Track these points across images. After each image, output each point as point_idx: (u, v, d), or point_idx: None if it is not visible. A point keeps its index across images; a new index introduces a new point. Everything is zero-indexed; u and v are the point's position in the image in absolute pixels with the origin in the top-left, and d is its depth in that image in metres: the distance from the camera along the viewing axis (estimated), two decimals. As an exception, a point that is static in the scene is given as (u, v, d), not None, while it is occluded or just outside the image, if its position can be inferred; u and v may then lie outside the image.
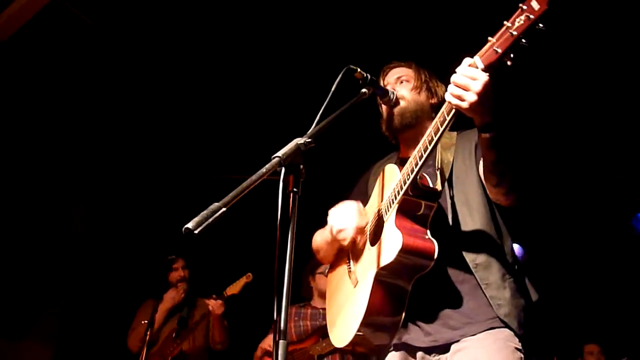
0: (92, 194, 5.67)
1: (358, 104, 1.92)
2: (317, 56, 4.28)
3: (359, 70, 1.95)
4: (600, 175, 5.49)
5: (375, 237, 1.97)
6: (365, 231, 2.06)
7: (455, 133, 2.10)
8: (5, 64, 4.41)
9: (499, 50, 1.52)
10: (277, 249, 1.39)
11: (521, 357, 1.80)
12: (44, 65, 4.53)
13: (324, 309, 4.06)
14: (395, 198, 1.86)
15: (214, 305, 3.88)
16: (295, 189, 1.47)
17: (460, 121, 1.74)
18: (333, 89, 1.85)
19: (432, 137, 1.73)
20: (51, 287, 5.27)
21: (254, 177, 1.41)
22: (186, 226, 1.26)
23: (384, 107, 2.19)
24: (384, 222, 1.93)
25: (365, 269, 1.95)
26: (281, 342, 1.30)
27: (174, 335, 4.10)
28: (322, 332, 3.91)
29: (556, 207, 5.56)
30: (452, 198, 1.95)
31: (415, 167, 1.78)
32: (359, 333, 1.89)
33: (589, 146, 5.13)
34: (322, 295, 4.11)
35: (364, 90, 1.96)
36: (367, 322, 1.88)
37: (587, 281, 5.66)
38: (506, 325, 1.81)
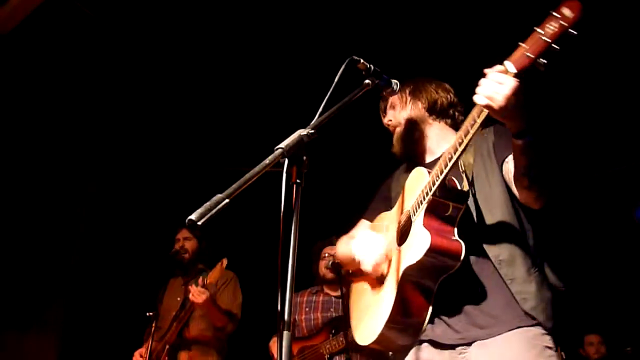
0: (96, 186, 5.68)
1: (361, 95, 1.91)
2: (320, 47, 4.27)
3: (362, 61, 1.94)
4: (603, 165, 5.48)
5: (403, 237, 2.01)
6: (392, 232, 2.10)
7: None
8: (9, 56, 4.41)
9: (531, 56, 1.55)
10: (280, 240, 1.39)
11: (552, 355, 1.81)
12: (48, 58, 4.54)
13: (337, 296, 4.06)
14: (424, 199, 1.90)
15: (194, 292, 3.75)
16: (298, 180, 1.46)
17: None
18: (336, 79, 1.84)
19: (461, 140, 1.76)
20: (57, 279, 5.30)
21: (257, 169, 1.40)
22: (189, 217, 1.26)
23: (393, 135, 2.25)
24: (411, 222, 1.97)
25: (393, 269, 1.99)
26: (285, 333, 1.30)
27: (174, 318, 4.04)
28: (332, 326, 3.87)
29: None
30: (474, 196, 1.97)
31: (445, 169, 1.82)
32: (384, 332, 1.93)
33: (591, 137, 5.12)
34: (324, 280, 4.12)
35: (367, 81, 1.94)
36: (393, 320, 1.92)
37: (589, 271, 5.66)
38: (533, 320, 1.82)
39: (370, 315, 2.08)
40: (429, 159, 2.23)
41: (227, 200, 1.30)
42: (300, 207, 1.44)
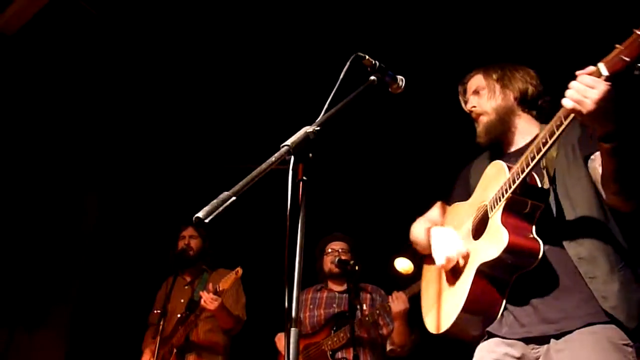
0: (103, 185, 5.71)
1: (367, 91, 1.90)
2: (325, 44, 4.26)
3: (367, 57, 1.93)
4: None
5: (479, 231, 2.01)
6: (467, 224, 2.12)
7: None
8: (14, 57, 4.43)
9: (627, 59, 1.50)
10: (287, 237, 1.39)
11: (630, 352, 1.76)
12: (53, 58, 4.55)
13: (340, 292, 4.06)
14: (503, 196, 1.89)
15: (207, 299, 3.77)
16: (304, 177, 1.47)
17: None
18: (341, 76, 1.84)
19: (546, 140, 1.74)
20: (64, 278, 5.32)
21: (263, 166, 1.40)
22: (196, 215, 1.26)
23: (475, 124, 2.23)
24: (488, 217, 1.96)
25: (468, 262, 2.01)
26: (293, 330, 1.30)
27: (180, 320, 4.04)
28: (333, 323, 3.88)
29: None
30: (554, 191, 1.95)
31: (527, 168, 1.81)
32: (457, 321, 1.96)
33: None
34: (328, 275, 4.11)
35: (372, 77, 1.94)
36: (466, 311, 1.94)
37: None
38: (611, 319, 1.77)
39: (443, 304, 2.10)
40: (510, 150, 2.19)
41: (233, 198, 1.31)
42: (306, 204, 1.44)
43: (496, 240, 1.84)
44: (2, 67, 4.50)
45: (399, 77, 2.10)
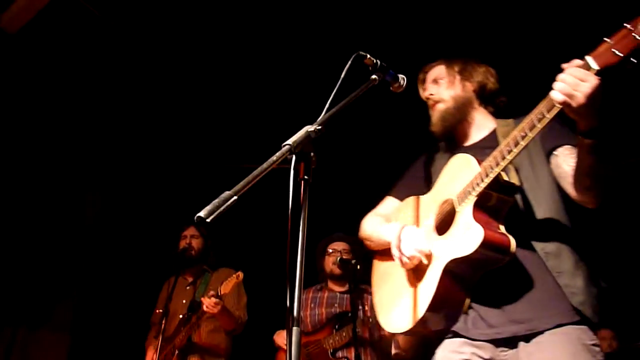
0: (103, 183, 5.71)
1: (368, 90, 1.90)
2: (326, 43, 4.26)
3: (368, 56, 1.93)
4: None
5: (445, 227, 1.95)
6: (429, 220, 2.04)
7: (512, 120, 2.07)
8: (16, 56, 4.43)
9: (620, 54, 1.47)
10: (288, 236, 1.38)
11: (598, 352, 1.76)
12: (55, 57, 4.55)
13: (341, 292, 4.07)
14: (474, 190, 1.84)
15: (208, 304, 3.77)
16: (306, 177, 1.46)
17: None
18: (343, 75, 1.83)
19: (525, 133, 1.71)
20: (66, 276, 5.33)
21: (264, 165, 1.40)
22: (198, 215, 1.26)
23: (430, 111, 2.20)
24: (455, 212, 1.91)
25: (433, 259, 1.94)
26: (294, 329, 1.30)
27: (182, 322, 4.04)
28: (335, 322, 3.88)
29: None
30: (520, 187, 1.92)
31: (502, 162, 1.77)
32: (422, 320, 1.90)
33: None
34: (330, 276, 4.13)
35: (374, 76, 1.92)
36: (432, 310, 1.88)
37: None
38: (580, 315, 1.77)
39: (404, 303, 2.02)
40: (467, 143, 2.17)
41: (235, 197, 1.30)
42: (308, 203, 1.44)
43: (469, 236, 1.78)
44: (4, 66, 4.51)
45: (401, 76, 2.10)
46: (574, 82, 1.53)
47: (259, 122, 5.02)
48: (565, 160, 1.85)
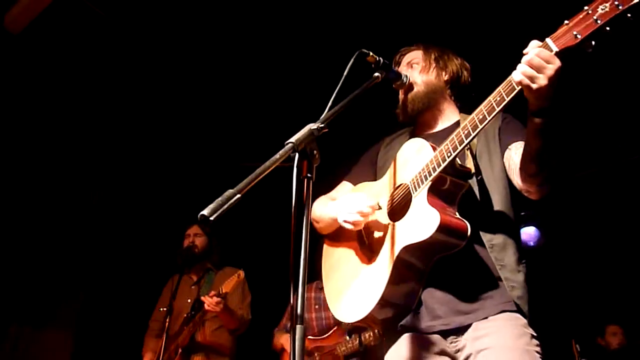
0: (107, 182, 5.73)
1: (371, 88, 1.90)
2: (328, 41, 4.26)
3: (371, 54, 1.93)
4: (624, 153, 5.38)
5: (400, 212, 1.91)
6: (380, 205, 2.00)
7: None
8: (20, 56, 4.45)
9: (579, 36, 1.47)
10: (292, 234, 1.39)
11: (537, 344, 1.80)
12: (58, 56, 4.57)
13: None
14: (430, 175, 1.81)
15: (209, 303, 3.75)
16: (309, 175, 1.46)
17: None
18: (345, 73, 1.84)
19: (484, 116, 1.69)
20: (70, 276, 5.35)
21: (267, 163, 1.41)
22: (201, 213, 1.26)
23: (400, 93, 2.17)
24: (411, 197, 1.88)
25: (387, 245, 1.90)
26: (298, 327, 1.30)
27: (186, 320, 4.03)
28: (345, 328, 3.81)
29: (578, 185, 5.45)
30: (475, 176, 1.92)
31: (459, 146, 1.74)
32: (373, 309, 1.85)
33: (609, 124, 5.02)
34: None
35: (376, 74, 1.94)
36: (385, 298, 1.84)
37: (609, 261, 5.60)
38: (518, 309, 1.80)
39: (356, 291, 1.98)
40: (428, 132, 2.15)
41: (238, 196, 1.31)
42: (312, 201, 1.44)
43: (425, 221, 1.75)
44: (8, 65, 4.52)
45: (403, 73, 2.11)
46: (539, 64, 1.53)
47: (262, 121, 5.03)
48: (517, 152, 1.85)
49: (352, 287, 2.01)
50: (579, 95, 4.43)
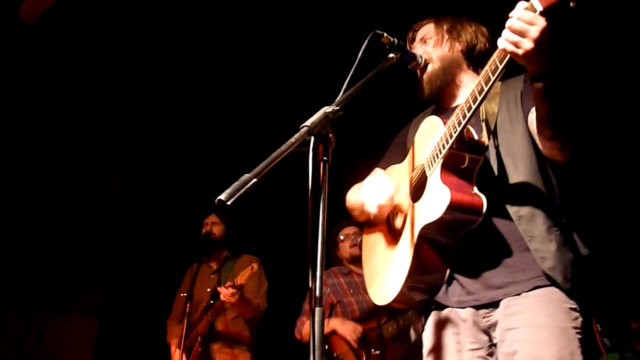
0: (128, 170, 5.79)
1: (386, 69, 1.88)
2: (342, 23, 4.22)
3: (385, 35, 1.90)
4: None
5: (418, 193, 1.90)
6: (405, 186, 2.00)
7: (500, 82, 1.98)
8: (37, 42, 4.49)
9: None
10: (309, 218, 1.39)
11: (577, 317, 1.73)
12: (75, 44, 4.61)
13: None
14: (440, 152, 1.78)
15: (225, 294, 3.82)
16: (325, 158, 1.46)
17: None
18: (360, 55, 1.82)
19: (482, 87, 1.64)
20: (94, 262, 5.43)
21: (283, 147, 1.41)
22: (219, 198, 1.27)
23: (417, 73, 2.11)
24: (427, 177, 1.86)
25: (408, 226, 1.90)
26: (317, 309, 1.31)
27: (205, 309, 4.10)
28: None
29: (618, 156, 5.18)
30: (496, 148, 1.86)
31: (463, 120, 1.70)
32: (402, 290, 1.86)
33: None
34: (351, 260, 4.09)
35: (391, 55, 1.90)
36: (411, 279, 1.84)
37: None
38: (551, 281, 1.73)
39: (386, 273, 2.00)
40: (452, 105, 2.07)
41: (255, 180, 1.31)
42: (328, 184, 1.44)
43: (437, 200, 1.73)
44: (24, 55, 4.57)
45: (418, 53, 2.08)
46: (521, 27, 1.48)
47: (278, 105, 5.01)
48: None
49: (383, 271, 2.04)
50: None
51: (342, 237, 4.14)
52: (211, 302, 4.08)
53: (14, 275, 5.12)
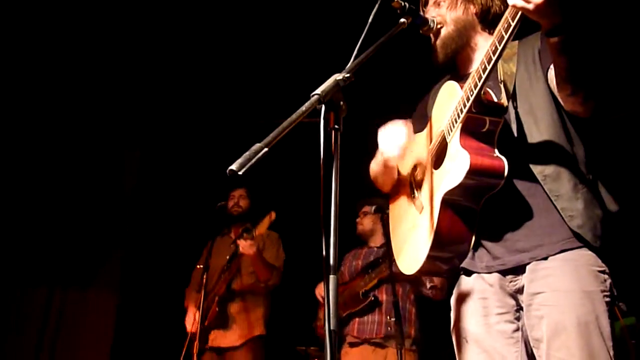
0: (143, 142, 5.82)
1: (397, 34, 1.84)
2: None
3: (396, -1, 1.86)
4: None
5: (439, 160, 1.89)
6: (426, 154, 1.99)
7: (517, 42, 1.94)
8: (53, 25, 4.52)
9: None
10: (321, 187, 1.38)
11: (606, 279, 1.70)
12: (92, 27, 4.63)
13: (379, 246, 4.13)
14: (459, 117, 1.76)
15: (244, 245, 3.90)
16: (336, 126, 1.44)
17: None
18: (370, 20, 1.78)
19: (495, 47, 1.60)
20: (113, 237, 5.52)
21: (293, 116, 1.39)
22: (230, 168, 1.26)
23: (431, 38, 2.06)
24: (447, 143, 1.84)
25: (430, 194, 1.89)
26: (332, 277, 1.31)
27: (222, 270, 4.19)
28: (367, 268, 3.98)
29: None
30: (515, 109, 1.82)
31: (479, 82, 1.67)
32: (429, 257, 1.85)
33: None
34: (372, 233, 4.21)
35: (402, 20, 1.85)
36: (436, 247, 1.82)
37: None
38: (580, 239, 1.70)
39: (411, 243, 1.99)
40: (470, 70, 2.01)
41: (266, 149, 1.30)
42: (340, 152, 1.42)
43: (457, 165, 1.71)
44: (41, 45, 4.59)
45: (430, 16, 2.03)
46: None
47: (288, 74, 4.97)
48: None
49: (409, 241, 2.03)
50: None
51: (362, 214, 4.26)
52: (228, 264, 4.17)
53: (36, 252, 5.23)
